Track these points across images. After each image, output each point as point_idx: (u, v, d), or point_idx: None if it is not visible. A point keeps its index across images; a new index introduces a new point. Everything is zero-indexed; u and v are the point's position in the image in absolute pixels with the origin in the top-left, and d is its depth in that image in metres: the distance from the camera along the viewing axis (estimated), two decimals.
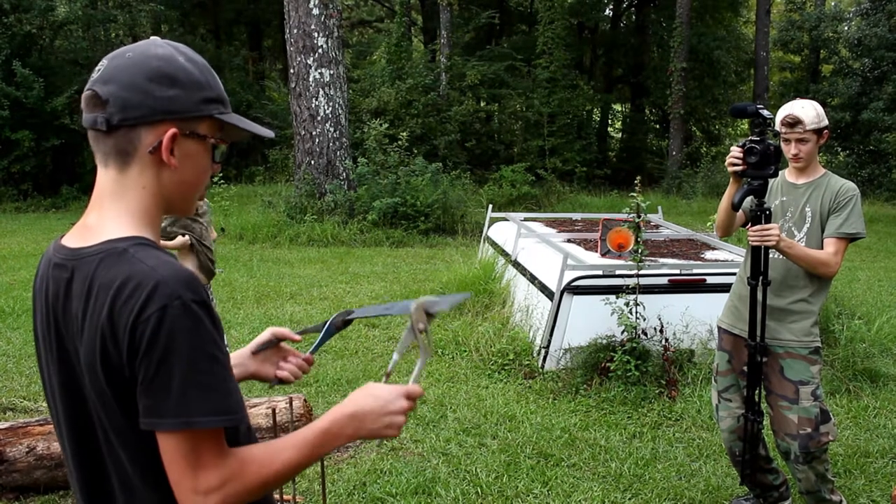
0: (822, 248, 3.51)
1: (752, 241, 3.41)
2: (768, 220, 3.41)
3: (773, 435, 3.69)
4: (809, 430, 3.52)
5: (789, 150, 3.57)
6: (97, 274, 1.30)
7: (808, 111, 3.49)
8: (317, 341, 1.83)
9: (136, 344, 1.23)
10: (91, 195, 1.44)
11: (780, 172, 3.67)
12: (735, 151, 3.42)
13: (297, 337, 1.78)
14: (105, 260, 1.30)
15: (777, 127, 3.57)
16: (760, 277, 3.48)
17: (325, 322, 1.81)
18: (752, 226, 3.43)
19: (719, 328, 3.92)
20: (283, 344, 1.80)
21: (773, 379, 3.63)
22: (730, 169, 3.45)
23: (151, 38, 1.44)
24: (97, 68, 1.39)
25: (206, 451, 1.26)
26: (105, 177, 1.39)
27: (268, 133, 1.54)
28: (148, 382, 1.24)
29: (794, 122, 3.49)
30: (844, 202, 3.49)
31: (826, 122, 3.56)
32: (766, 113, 3.34)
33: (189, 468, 1.26)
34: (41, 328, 1.42)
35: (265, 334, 1.78)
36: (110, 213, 1.38)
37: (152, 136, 1.35)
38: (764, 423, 3.75)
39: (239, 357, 1.75)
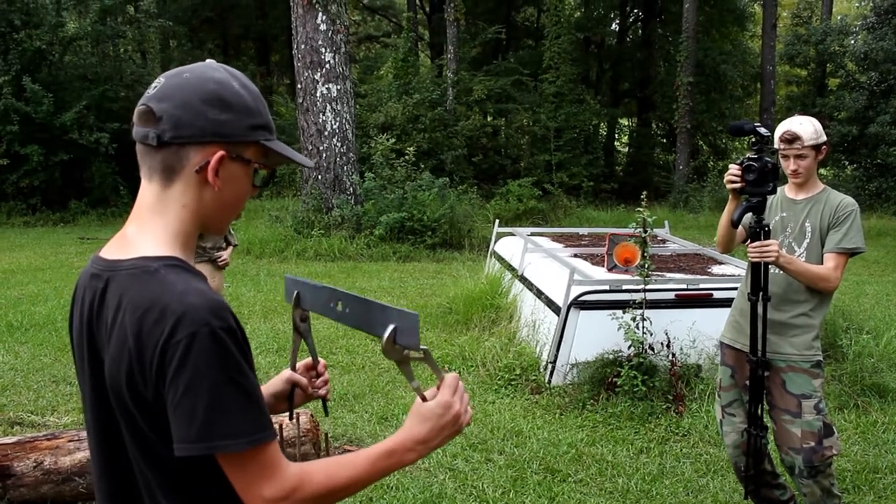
0: (822, 263, 3.53)
1: (752, 257, 3.45)
2: (767, 237, 3.44)
3: (778, 449, 3.69)
4: (813, 443, 3.52)
5: (788, 166, 3.60)
6: (128, 290, 1.33)
7: (805, 127, 3.53)
8: (310, 348, 1.82)
9: (164, 368, 1.26)
10: (99, 209, 1.46)
11: (779, 188, 3.70)
12: (733, 169, 3.47)
13: (306, 385, 1.80)
14: (137, 277, 1.33)
15: (776, 143, 3.60)
16: (760, 293, 3.50)
17: (294, 327, 1.78)
18: (751, 242, 3.45)
19: (721, 343, 3.93)
20: (309, 390, 1.82)
21: (776, 393, 3.63)
22: (728, 186, 3.50)
23: (207, 60, 1.48)
24: (153, 85, 1.41)
25: (264, 464, 1.31)
26: (148, 190, 1.42)
27: (308, 163, 1.58)
28: (174, 406, 1.26)
29: (792, 139, 3.52)
30: (844, 217, 3.52)
31: (824, 137, 3.59)
32: (763, 130, 3.38)
33: (254, 482, 1.30)
34: (77, 337, 1.45)
35: (282, 386, 1.78)
36: (149, 227, 1.40)
37: (200, 156, 1.38)
38: (769, 437, 3.74)
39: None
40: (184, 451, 1.26)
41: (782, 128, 3.57)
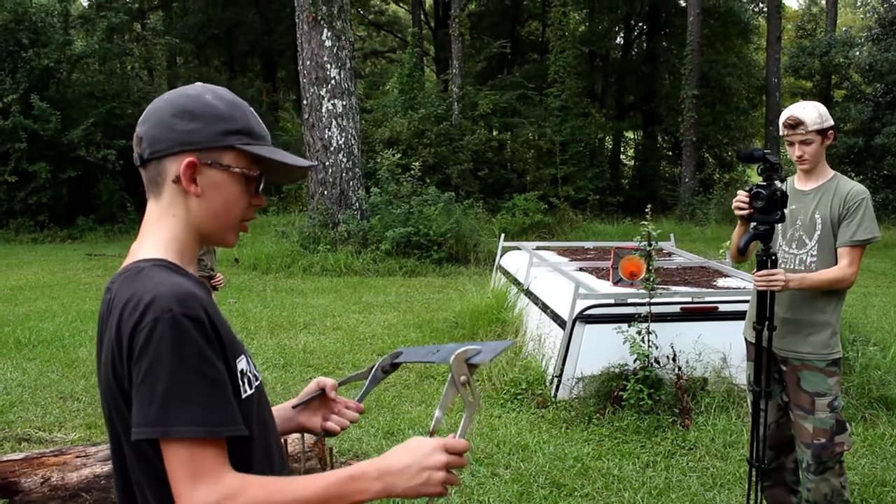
0: (834, 254, 3.52)
1: (758, 285, 3.44)
2: (774, 265, 3.42)
3: (795, 441, 3.72)
4: (824, 440, 3.53)
5: (793, 153, 3.58)
6: (119, 291, 1.38)
7: (809, 112, 3.50)
8: (363, 388, 1.80)
9: (132, 354, 1.29)
10: (107, 226, 1.51)
11: (788, 179, 3.72)
12: (741, 195, 3.45)
13: (333, 395, 1.79)
14: (127, 278, 1.40)
15: (780, 130, 3.60)
16: (766, 322, 3.50)
17: (371, 367, 1.79)
18: (757, 270, 3.45)
19: (746, 339, 3.92)
20: (331, 395, 1.79)
21: (791, 389, 3.65)
22: (736, 213, 3.48)
23: (196, 83, 1.56)
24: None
25: (204, 463, 1.28)
26: (149, 207, 1.51)
27: (304, 163, 1.58)
28: (136, 389, 1.29)
29: (795, 124, 3.50)
30: (855, 207, 3.48)
31: (830, 122, 3.56)
32: (773, 158, 3.37)
33: (188, 479, 1.27)
34: (97, 348, 1.49)
35: (312, 386, 1.79)
36: (147, 238, 1.48)
37: (175, 166, 1.44)
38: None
39: (282, 411, 1.77)
40: (139, 434, 1.27)
41: (785, 113, 3.56)
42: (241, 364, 1.43)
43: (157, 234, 1.47)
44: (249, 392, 1.42)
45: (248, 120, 1.50)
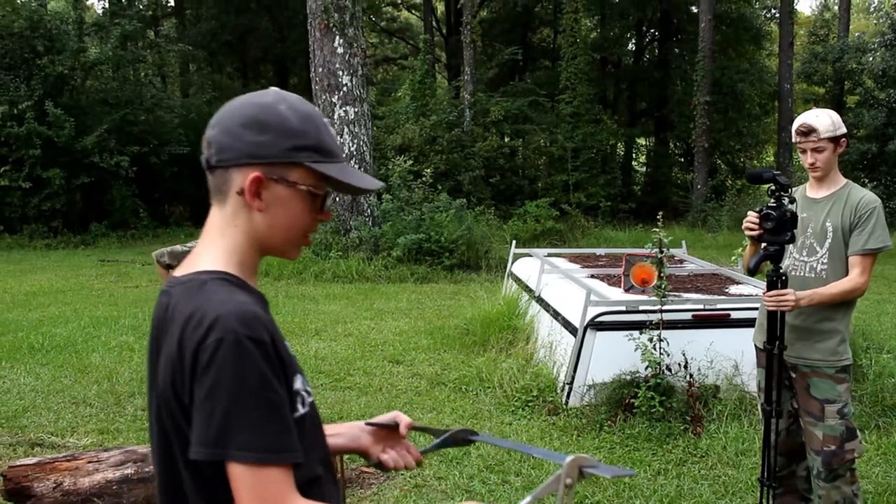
0: (845, 262, 3.51)
1: (768, 306, 3.44)
2: (785, 285, 3.42)
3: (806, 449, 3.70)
4: (834, 447, 3.52)
5: (806, 160, 3.58)
6: (179, 301, 1.38)
7: (822, 119, 3.50)
8: (431, 444, 1.82)
9: (195, 372, 1.29)
10: (119, 232, 1.49)
11: (800, 187, 3.72)
12: (751, 216, 3.45)
13: (404, 433, 1.80)
14: (188, 289, 1.39)
15: (793, 137, 3.60)
16: (777, 342, 3.49)
17: (446, 430, 1.81)
18: (767, 290, 3.45)
19: (755, 346, 3.92)
20: (402, 431, 1.80)
21: (801, 396, 3.64)
22: (746, 234, 3.49)
23: (270, 88, 1.50)
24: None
25: (270, 488, 1.27)
26: (213, 211, 1.48)
27: (375, 185, 1.55)
28: (197, 410, 1.28)
29: (807, 131, 3.50)
30: (866, 216, 3.48)
31: (843, 129, 3.55)
32: (782, 179, 3.37)
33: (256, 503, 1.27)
34: (149, 350, 1.48)
35: (389, 416, 1.81)
36: (209, 246, 1.46)
37: (240, 178, 1.41)
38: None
39: (353, 428, 1.79)
40: (198, 454, 1.27)
41: (798, 121, 3.56)
42: (297, 383, 1.42)
43: (220, 244, 1.45)
44: (302, 411, 1.41)
45: (321, 135, 1.45)
